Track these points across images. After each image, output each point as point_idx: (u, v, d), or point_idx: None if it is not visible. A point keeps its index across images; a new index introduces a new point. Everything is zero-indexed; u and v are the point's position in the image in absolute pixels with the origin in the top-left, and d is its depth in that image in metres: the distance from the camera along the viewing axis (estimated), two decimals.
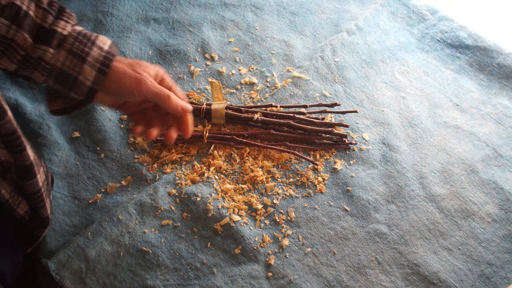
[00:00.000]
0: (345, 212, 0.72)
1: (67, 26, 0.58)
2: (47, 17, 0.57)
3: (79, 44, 0.58)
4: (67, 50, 0.58)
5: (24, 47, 0.57)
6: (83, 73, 0.58)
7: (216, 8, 0.98)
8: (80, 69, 0.58)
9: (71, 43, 0.58)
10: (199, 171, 0.75)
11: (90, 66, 0.58)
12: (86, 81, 0.58)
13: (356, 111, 0.81)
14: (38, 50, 0.57)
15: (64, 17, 0.59)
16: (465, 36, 0.94)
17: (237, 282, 0.66)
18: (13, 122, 0.50)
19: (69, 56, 0.58)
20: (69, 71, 0.58)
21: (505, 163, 0.78)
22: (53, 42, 0.57)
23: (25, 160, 0.54)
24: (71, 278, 0.64)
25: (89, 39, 0.59)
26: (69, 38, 0.58)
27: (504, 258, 0.69)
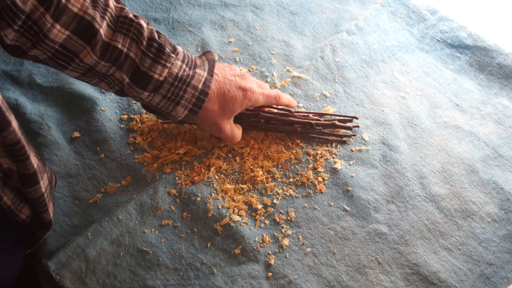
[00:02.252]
0: (345, 212, 0.72)
1: (164, 71, 0.61)
2: (145, 60, 0.60)
3: (174, 89, 0.63)
4: (162, 95, 0.63)
5: (121, 83, 0.62)
6: (175, 111, 0.65)
7: (216, 8, 0.98)
8: (173, 108, 0.64)
9: (167, 89, 0.62)
10: (199, 171, 0.75)
11: (182, 107, 0.64)
12: (178, 117, 0.65)
13: (356, 117, 0.81)
14: (133, 91, 0.62)
15: (162, 60, 0.61)
16: (465, 36, 0.94)
17: (237, 282, 0.66)
18: (17, 133, 0.50)
19: (163, 99, 0.63)
20: (163, 108, 0.65)
21: (505, 163, 0.78)
22: (148, 88, 0.62)
23: (28, 169, 0.53)
24: (71, 278, 0.64)
25: (185, 81, 0.63)
26: (165, 84, 0.62)
27: (504, 258, 0.69)
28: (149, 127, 0.80)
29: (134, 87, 0.61)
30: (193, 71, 0.64)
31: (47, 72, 0.85)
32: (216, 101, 0.66)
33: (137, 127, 0.80)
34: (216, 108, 0.66)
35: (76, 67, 0.59)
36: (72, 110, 0.81)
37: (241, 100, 0.67)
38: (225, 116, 0.68)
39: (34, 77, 0.85)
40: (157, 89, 0.62)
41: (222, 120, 0.68)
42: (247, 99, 0.68)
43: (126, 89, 0.62)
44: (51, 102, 0.82)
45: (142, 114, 0.81)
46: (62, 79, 0.84)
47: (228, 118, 0.68)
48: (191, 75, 0.63)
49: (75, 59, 0.58)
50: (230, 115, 0.68)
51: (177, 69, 0.62)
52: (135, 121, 0.80)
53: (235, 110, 0.68)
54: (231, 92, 0.66)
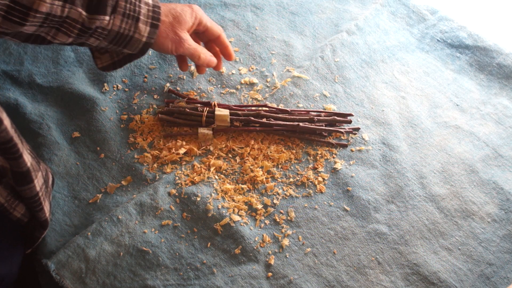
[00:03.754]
0: (345, 212, 0.72)
1: None
2: None
3: (130, 5, 0.64)
4: (121, 14, 0.63)
5: (79, 21, 0.61)
6: (138, 31, 0.65)
7: (216, 8, 0.98)
8: (136, 28, 0.64)
9: (124, 7, 0.63)
10: (199, 171, 0.75)
11: (143, 23, 0.65)
12: (141, 38, 0.65)
13: (351, 114, 0.81)
14: (95, 20, 0.61)
15: None
16: (465, 36, 0.94)
17: (237, 282, 0.66)
18: (9, 131, 0.50)
19: (124, 19, 0.63)
20: (126, 32, 0.64)
21: (505, 163, 0.78)
22: (107, 10, 0.62)
23: (22, 167, 0.53)
24: (71, 278, 0.64)
25: None
26: (120, 2, 0.63)
27: (504, 258, 0.69)
28: (149, 127, 0.80)
29: (95, 16, 0.61)
30: None
31: (47, 72, 0.85)
32: (169, 13, 0.69)
33: (137, 127, 0.80)
34: (171, 19, 0.69)
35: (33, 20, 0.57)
36: (72, 110, 0.81)
37: (190, 11, 0.71)
38: (182, 26, 0.70)
39: (34, 77, 0.85)
40: (115, 8, 0.63)
41: (181, 31, 0.70)
42: (195, 12, 0.72)
43: (87, 23, 0.61)
44: (51, 102, 0.82)
45: (142, 114, 0.81)
46: (62, 79, 0.84)
47: (185, 28, 0.71)
48: None
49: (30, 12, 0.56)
50: (185, 25, 0.71)
51: None
52: (135, 121, 0.80)
53: (187, 21, 0.71)
54: (178, 6, 0.70)
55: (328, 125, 0.80)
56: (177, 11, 0.69)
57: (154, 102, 0.83)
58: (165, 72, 0.87)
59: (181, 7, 0.70)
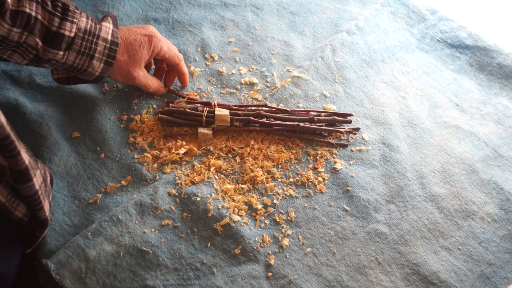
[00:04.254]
0: (345, 212, 0.72)
1: (73, 27, 0.64)
2: (53, 19, 0.62)
3: (86, 42, 0.65)
4: (76, 51, 0.65)
5: (35, 48, 0.62)
6: (92, 66, 0.66)
7: (216, 8, 0.98)
8: (89, 64, 0.66)
9: (79, 44, 0.65)
10: (199, 171, 0.75)
11: (97, 60, 0.67)
12: (95, 72, 0.67)
13: (351, 114, 0.81)
14: (48, 53, 0.63)
15: (69, 17, 0.63)
16: (465, 36, 0.94)
17: (237, 282, 0.66)
18: (6, 128, 0.50)
19: (78, 55, 0.65)
20: (79, 66, 0.66)
21: (505, 163, 0.78)
22: (62, 46, 0.63)
23: (20, 165, 0.54)
24: (71, 278, 0.64)
25: (94, 34, 0.66)
26: (76, 39, 0.64)
27: (504, 258, 0.69)
28: (149, 127, 0.80)
29: (49, 49, 0.62)
30: (99, 24, 0.67)
31: (47, 72, 0.85)
32: (125, 51, 0.70)
33: (137, 127, 0.80)
34: (126, 58, 0.70)
35: None
36: (72, 110, 0.81)
37: (147, 46, 0.72)
38: (136, 64, 0.72)
39: (34, 77, 0.85)
40: (70, 45, 0.64)
41: (134, 69, 0.72)
42: (153, 45, 0.73)
43: (41, 53, 0.63)
44: (51, 102, 0.82)
45: (142, 114, 0.81)
46: None
47: (139, 65, 0.73)
48: (98, 28, 0.66)
49: None
50: (140, 62, 0.72)
51: (84, 24, 0.65)
52: (135, 121, 0.80)
53: (143, 57, 0.72)
54: (137, 41, 0.71)
55: (328, 125, 0.80)
56: (134, 48, 0.71)
57: (154, 102, 0.83)
58: None
59: (139, 41, 0.71)
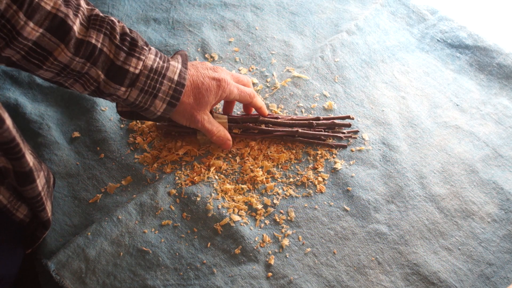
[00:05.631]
0: (345, 212, 0.72)
1: (139, 63, 0.62)
2: (119, 54, 0.61)
3: (151, 81, 0.63)
4: (139, 89, 0.63)
5: (97, 81, 0.61)
6: (154, 106, 0.64)
7: (216, 8, 0.98)
8: (152, 103, 0.64)
9: (143, 82, 0.63)
10: (199, 171, 0.75)
11: (160, 100, 0.64)
12: (156, 112, 0.65)
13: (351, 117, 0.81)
14: (110, 87, 0.62)
15: (136, 53, 0.62)
16: (465, 36, 0.94)
17: (237, 282, 0.66)
18: (12, 131, 0.50)
19: (141, 94, 0.63)
20: (141, 104, 0.64)
21: (505, 163, 0.78)
22: (125, 82, 0.62)
23: (24, 167, 0.53)
24: (71, 278, 0.64)
25: (160, 73, 0.63)
26: (141, 77, 0.62)
27: (504, 258, 0.69)
28: (149, 127, 0.80)
29: (111, 83, 0.61)
30: (167, 63, 0.65)
31: None
32: (191, 94, 0.67)
33: (137, 127, 0.80)
34: (192, 100, 0.67)
35: (50, 66, 0.58)
36: (72, 110, 0.81)
37: (215, 90, 0.69)
38: (201, 108, 0.69)
39: (34, 77, 0.85)
40: (133, 82, 0.62)
41: (198, 112, 0.69)
42: (221, 90, 0.69)
43: (102, 86, 0.62)
44: (51, 102, 0.82)
45: None
46: None
47: (204, 109, 0.69)
48: (165, 67, 0.64)
49: (49, 57, 0.57)
50: (205, 107, 0.69)
51: (151, 62, 0.63)
52: (135, 121, 0.80)
53: (210, 102, 0.69)
54: (205, 84, 0.68)
55: (327, 129, 0.80)
56: (201, 92, 0.68)
57: None
58: None
59: (207, 85, 0.68)
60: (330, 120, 0.80)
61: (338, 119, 0.81)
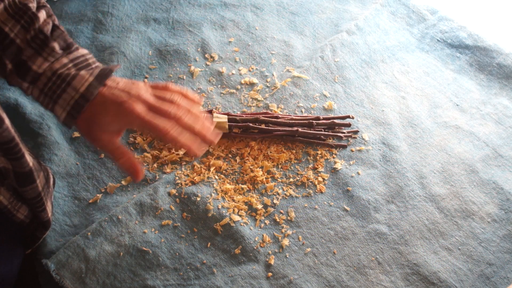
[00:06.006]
0: (345, 212, 0.72)
1: (44, 64, 0.58)
2: (27, 49, 0.58)
3: (52, 85, 0.58)
4: (39, 89, 0.59)
5: (5, 70, 0.58)
6: (56, 110, 0.58)
7: (216, 8, 0.98)
8: (53, 107, 0.58)
9: (44, 84, 0.58)
10: (199, 171, 0.75)
11: (61, 107, 0.58)
12: (59, 117, 0.58)
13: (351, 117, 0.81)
14: (14, 80, 0.59)
15: (44, 53, 0.59)
16: (465, 36, 0.94)
17: (237, 282, 0.66)
18: (11, 130, 0.50)
19: (41, 94, 0.59)
20: (44, 105, 0.59)
21: (505, 163, 0.78)
22: (27, 78, 0.58)
23: (24, 167, 0.53)
24: (71, 278, 0.64)
25: (64, 80, 0.58)
26: (42, 77, 0.58)
27: (504, 258, 0.69)
28: None
29: (15, 76, 0.59)
30: (77, 71, 0.59)
31: None
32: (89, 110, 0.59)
33: None
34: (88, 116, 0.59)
35: None
36: None
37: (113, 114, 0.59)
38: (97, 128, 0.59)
39: None
40: (34, 81, 0.58)
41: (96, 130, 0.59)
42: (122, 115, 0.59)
43: (8, 76, 0.59)
44: None
45: None
46: None
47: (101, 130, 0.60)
48: (72, 75, 0.58)
49: None
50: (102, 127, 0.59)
51: (59, 66, 0.59)
52: None
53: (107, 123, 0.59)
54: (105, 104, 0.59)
55: (327, 129, 0.80)
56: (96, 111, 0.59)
57: None
58: (165, 72, 0.87)
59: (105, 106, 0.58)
60: (330, 120, 0.80)
61: (338, 118, 0.81)
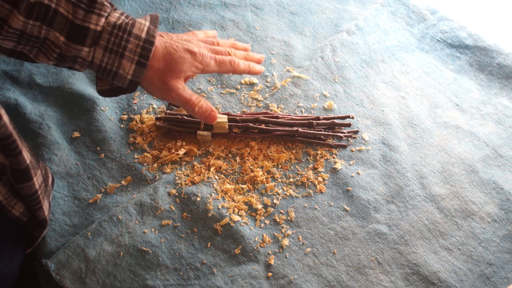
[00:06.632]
0: (345, 212, 0.72)
1: (100, 20, 0.57)
2: (77, 12, 0.56)
3: (115, 38, 0.58)
4: (103, 48, 0.58)
5: (58, 45, 0.57)
6: (122, 67, 0.59)
7: (216, 8, 0.98)
8: (119, 64, 0.58)
9: (107, 40, 0.58)
10: (199, 171, 0.75)
11: (128, 60, 0.59)
12: (126, 75, 0.59)
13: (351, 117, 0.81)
14: (72, 49, 0.57)
15: (96, 10, 0.57)
16: (465, 36, 0.94)
17: (237, 282, 0.66)
18: (8, 127, 0.50)
19: (106, 53, 0.58)
20: (108, 67, 0.59)
21: (505, 163, 0.78)
22: (87, 41, 0.57)
23: (21, 164, 0.53)
24: (71, 278, 0.64)
25: (125, 29, 0.58)
26: (103, 34, 0.57)
27: (504, 258, 0.69)
28: (149, 127, 0.80)
29: (72, 45, 0.56)
30: (133, 20, 0.60)
31: (47, 72, 0.85)
32: (162, 59, 0.61)
33: (137, 127, 0.80)
34: (162, 65, 0.61)
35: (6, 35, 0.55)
36: (72, 110, 0.81)
37: (189, 61, 0.63)
38: (173, 75, 0.62)
39: (34, 77, 0.85)
40: (96, 41, 0.57)
41: (170, 79, 0.62)
42: (197, 61, 0.63)
43: (64, 50, 0.57)
44: (51, 102, 0.82)
45: (142, 114, 0.81)
46: (62, 79, 0.84)
47: (177, 77, 0.63)
48: (131, 23, 0.59)
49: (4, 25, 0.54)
50: (178, 75, 0.62)
51: (114, 19, 0.58)
52: (135, 121, 0.80)
53: (183, 71, 0.63)
54: (177, 52, 0.62)
55: (327, 129, 0.80)
56: (173, 58, 0.61)
57: (154, 102, 0.83)
58: None
59: (180, 54, 0.62)
60: (330, 120, 0.80)
61: (338, 118, 0.81)
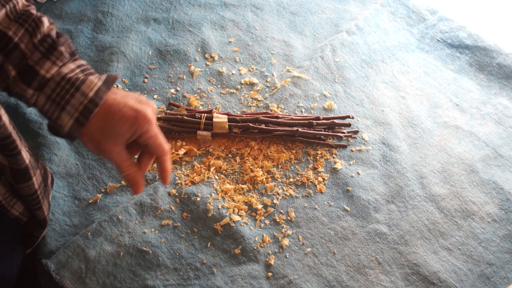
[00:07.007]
0: (345, 212, 0.72)
1: (52, 68, 0.56)
2: (35, 53, 0.56)
3: (61, 90, 0.56)
4: (46, 96, 0.56)
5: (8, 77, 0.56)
6: (61, 119, 0.56)
7: (216, 8, 0.98)
8: (59, 115, 0.56)
9: (52, 89, 0.56)
10: (199, 171, 0.75)
11: (68, 114, 0.56)
12: (63, 128, 0.57)
13: (351, 117, 0.81)
14: (17, 87, 0.56)
15: (52, 57, 0.57)
16: (465, 36, 0.94)
17: (237, 282, 0.66)
18: (8, 127, 0.50)
19: (48, 101, 0.56)
20: (48, 115, 0.57)
21: (505, 163, 0.78)
22: (33, 84, 0.56)
23: (20, 164, 0.53)
24: (71, 278, 0.64)
25: (74, 84, 0.56)
26: (50, 83, 0.56)
27: (504, 258, 0.69)
28: None
29: (19, 82, 0.55)
30: (86, 76, 0.57)
31: None
32: (103, 118, 0.58)
33: None
34: (100, 125, 0.58)
35: None
36: None
37: (130, 123, 0.58)
38: (110, 138, 0.59)
39: None
40: (41, 87, 0.56)
41: (107, 142, 0.58)
42: (138, 123, 0.59)
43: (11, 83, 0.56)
44: None
45: None
46: None
47: (115, 140, 0.59)
48: (81, 79, 0.57)
49: None
50: (116, 137, 0.59)
51: (68, 70, 0.57)
52: None
53: (121, 133, 0.58)
54: (122, 112, 0.58)
55: (327, 129, 0.80)
56: (114, 119, 0.58)
57: (154, 102, 0.83)
58: (165, 72, 0.87)
59: (123, 114, 0.58)
60: (330, 120, 0.80)
61: (338, 118, 0.81)
